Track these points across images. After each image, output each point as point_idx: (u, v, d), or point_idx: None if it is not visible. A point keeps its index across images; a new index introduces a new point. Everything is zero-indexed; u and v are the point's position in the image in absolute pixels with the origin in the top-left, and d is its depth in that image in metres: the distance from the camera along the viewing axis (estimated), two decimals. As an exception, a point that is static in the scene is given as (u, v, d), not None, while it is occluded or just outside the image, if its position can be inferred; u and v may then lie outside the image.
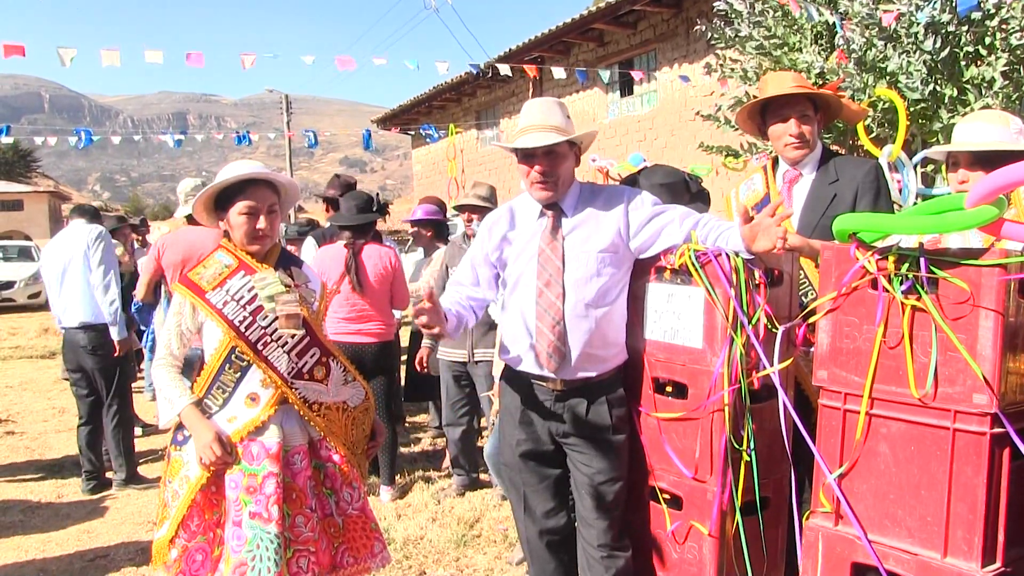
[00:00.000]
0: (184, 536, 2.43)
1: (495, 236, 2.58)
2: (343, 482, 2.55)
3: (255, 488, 2.37)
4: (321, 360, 2.51)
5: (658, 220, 2.44)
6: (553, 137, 2.38)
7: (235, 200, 2.44)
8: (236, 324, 2.40)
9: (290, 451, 2.46)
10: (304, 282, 2.56)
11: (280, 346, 2.43)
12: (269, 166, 2.67)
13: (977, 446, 1.83)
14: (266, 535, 2.33)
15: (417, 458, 5.45)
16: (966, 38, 5.43)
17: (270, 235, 2.48)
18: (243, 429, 2.41)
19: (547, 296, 2.43)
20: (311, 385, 2.48)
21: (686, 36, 11.61)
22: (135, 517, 4.40)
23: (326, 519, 2.52)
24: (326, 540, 2.51)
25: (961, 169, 2.42)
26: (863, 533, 2.02)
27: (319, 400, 2.50)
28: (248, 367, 2.43)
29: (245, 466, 2.40)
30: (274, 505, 2.36)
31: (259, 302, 2.42)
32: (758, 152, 6.84)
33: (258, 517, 2.35)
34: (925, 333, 1.91)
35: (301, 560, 2.43)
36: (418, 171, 22.23)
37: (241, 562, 2.33)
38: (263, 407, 2.42)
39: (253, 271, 2.45)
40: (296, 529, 2.44)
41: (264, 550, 2.32)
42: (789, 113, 2.70)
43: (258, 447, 2.41)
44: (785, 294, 2.45)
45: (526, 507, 2.62)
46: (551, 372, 2.45)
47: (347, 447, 2.57)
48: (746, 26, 6.55)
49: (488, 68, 11.96)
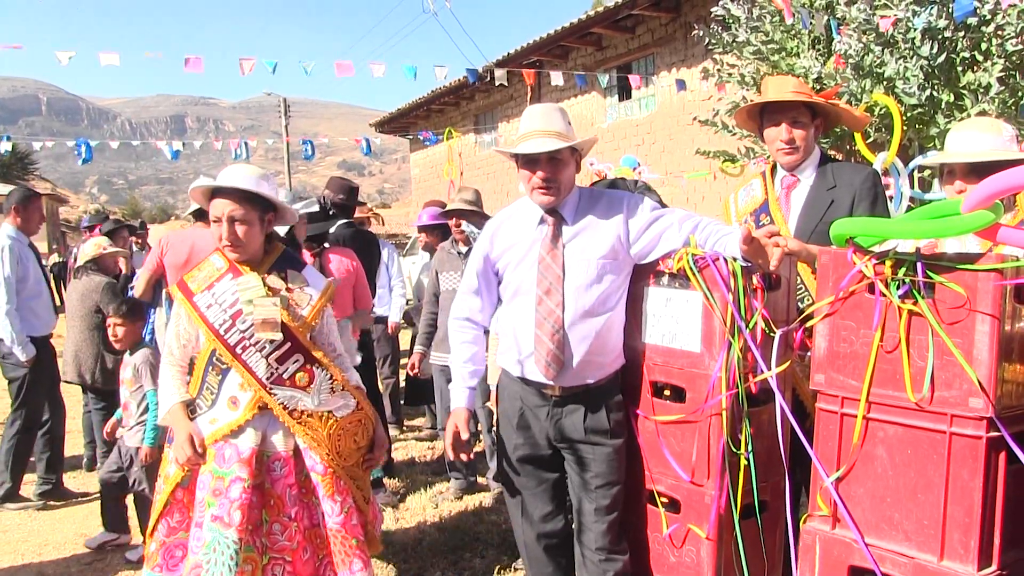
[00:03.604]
0: (162, 531, 2.48)
1: (497, 244, 2.58)
2: (325, 494, 2.48)
3: (220, 491, 2.38)
4: (304, 367, 2.46)
5: (657, 225, 2.45)
6: (556, 143, 2.39)
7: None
8: (216, 327, 2.44)
9: (271, 457, 2.46)
10: (300, 286, 2.53)
11: (259, 350, 2.42)
12: (267, 170, 2.69)
13: (973, 450, 1.84)
14: (224, 539, 2.32)
15: (414, 461, 5.45)
16: (962, 44, 5.46)
17: (235, 243, 2.44)
18: (218, 432, 2.43)
19: (547, 304, 2.43)
20: (291, 392, 2.44)
21: (684, 41, 11.64)
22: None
23: (312, 529, 2.48)
24: (311, 550, 2.48)
25: (957, 180, 2.44)
26: (860, 536, 2.02)
27: (299, 407, 2.44)
28: (228, 370, 2.45)
29: (215, 468, 2.41)
30: (237, 510, 2.34)
31: (239, 306, 2.43)
32: (755, 157, 6.86)
33: (219, 521, 2.34)
34: (922, 337, 1.92)
35: (276, 568, 2.43)
36: (416, 175, 22.25)
37: (197, 564, 2.35)
38: (243, 411, 2.43)
39: (240, 275, 2.47)
40: (272, 536, 2.44)
41: (220, 554, 2.31)
42: (782, 118, 2.72)
43: (231, 450, 2.41)
44: (782, 298, 2.46)
45: (523, 511, 2.62)
46: (550, 380, 2.46)
47: (333, 458, 2.48)
48: (744, 31, 6.57)
49: (487, 72, 11.99)
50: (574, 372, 2.44)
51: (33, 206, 4.92)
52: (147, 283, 4.53)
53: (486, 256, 2.61)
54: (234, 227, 2.42)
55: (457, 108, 18.73)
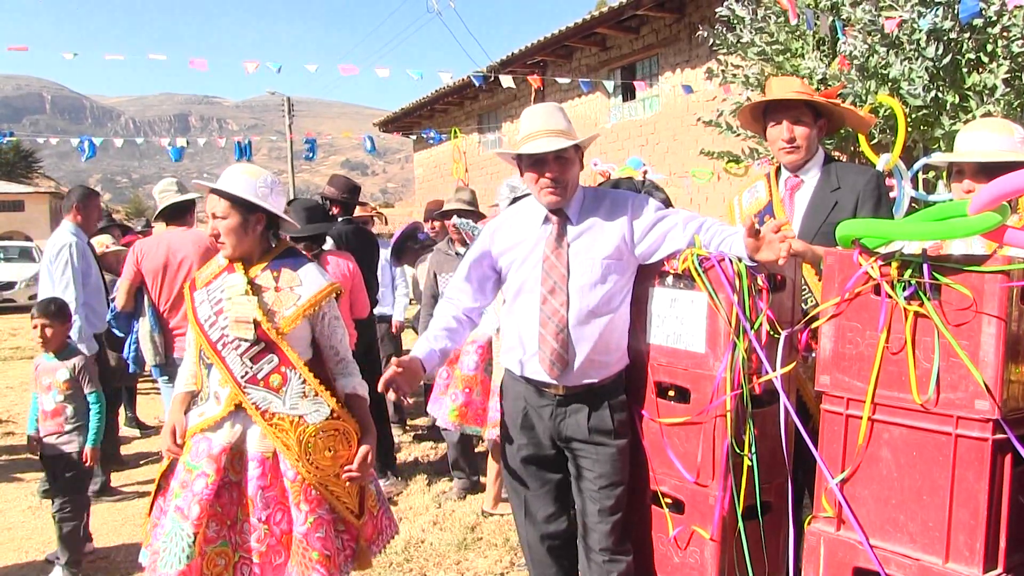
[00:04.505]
0: (156, 513, 2.55)
1: (499, 242, 2.58)
2: (293, 501, 2.43)
3: (187, 484, 2.41)
4: (278, 369, 2.43)
5: (661, 225, 2.44)
6: (562, 142, 2.38)
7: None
8: (201, 322, 2.49)
9: (246, 456, 2.46)
10: (292, 285, 2.49)
11: (234, 348, 2.43)
12: (270, 169, 2.71)
13: (979, 452, 1.84)
14: (180, 531, 2.34)
15: (417, 461, 5.46)
16: (968, 45, 5.44)
17: (217, 239, 2.47)
18: (201, 425, 2.47)
19: (551, 303, 2.43)
20: (264, 393, 2.43)
21: (688, 41, 11.64)
22: (136, 519, 4.40)
23: (291, 534, 2.45)
24: (285, 554, 2.44)
25: (966, 179, 2.43)
26: (865, 538, 2.02)
27: (270, 409, 2.42)
28: (211, 365, 2.49)
29: (188, 461, 2.45)
30: (196, 504, 2.35)
31: (223, 303, 2.46)
32: (759, 158, 6.85)
33: (180, 512, 2.37)
34: (928, 339, 1.91)
35: (243, 567, 2.44)
36: (419, 174, 22.26)
37: (156, 550, 2.40)
38: (222, 406, 2.46)
39: (233, 272, 2.51)
40: (242, 535, 2.44)
41: (175, 545, 2.33)
42: (784, 117, 2.73)
43: (205, 444, 2.44)
44: (787, 299, 2.46)
45: (527, 512, 2.62)
46: (554, 379, 2.46)
47: (304, 465, 2.41)
48: (748, 32, 6.56)
49: (491, 72, 11.99)
50: (578, 372, 2.44)
51: (93, 204, 4.96)
52: (127, 292, 4.46)
53: (485, 252, 2.60)
54: (215, 223, 2.46)
55: (461, 108, 18.73)
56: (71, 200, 4.90)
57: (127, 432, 6.17)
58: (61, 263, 4.61)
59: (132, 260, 4.42)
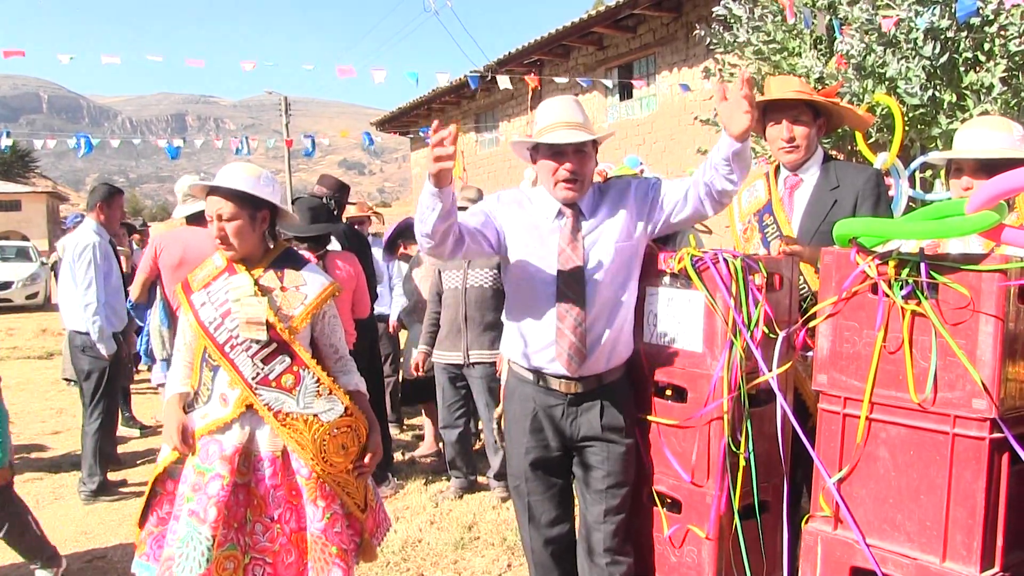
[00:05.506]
0: (152, 521, 2.52)
1: (503, 208, 2.52)
2: (308, 498, 2.44)
3: (200, 487, 2.38)
4: (291, 369, 2.43)
5: (660, 189, 2.47)
6: (583, 135, 2.37)
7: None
8: (205, 325, 2.45)
9: (256, 456, 2.45)
10: (297, 285, 2.50)
11: (245, 350, 2.41)
12: (268, 168, 2.68)
13: (976, 451, 1.84)
14: (198, 535, 2.32)
15: (415, 460, 5.45)
16: (965, 44, 5.45)
17: (224, 240, 2.44)
18: (207, 427, 2.44)
19: (568, 297, 2.41)
20: (276, 393, 2.42)
21: (685, 40, 11.63)
22: (133, 518, 4.37)
23: (300, 532, 2.46)
24: (296, 553, 2.45)
25: (965, 176, 2.43)
26: (862, 537, 2.02)
27: (283, 409, 2.41)
28: (218, 368, 2.46)
29: (197, 464, 2.42)
30: (213, 507, 2.33)
31: (228, 304, 2.43)
32: (757, 157, 6.85)
33: (195, 516, 2.35)
34: (925, 338, 1.91)
35: (256, 568, 2.43)
36: (417, 174, 22.23)
37: (170, 556, 2.36)
38: (231, 408, 2.43)
39: (236, 273, 2.47)
40: (254, 536, 2.43)
41: (192, 549, 2.31)
42: (783, 116, 2.73)
43: (216, 447, 2.42)
44: (785, 298, 2.46)
45: (531, 516, 2.59)
46: (571, 373, 2.43)
47: (318, 463, 2.43)
48: (745, 31, 6.56)
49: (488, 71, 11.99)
50: (593, 363, 2.43)
51: (116, 203, 4.95)
52: (143, 285, 4.52)
53: (490, 210, 2.52)
54: (223, 225, 2.42)
55: (458, 107, 18.71)
56: (95, 198, 4.88)
57: (125, 432, 6.15)
58: (84, 263, 4.61)
59: (150, 254, 4.43)
